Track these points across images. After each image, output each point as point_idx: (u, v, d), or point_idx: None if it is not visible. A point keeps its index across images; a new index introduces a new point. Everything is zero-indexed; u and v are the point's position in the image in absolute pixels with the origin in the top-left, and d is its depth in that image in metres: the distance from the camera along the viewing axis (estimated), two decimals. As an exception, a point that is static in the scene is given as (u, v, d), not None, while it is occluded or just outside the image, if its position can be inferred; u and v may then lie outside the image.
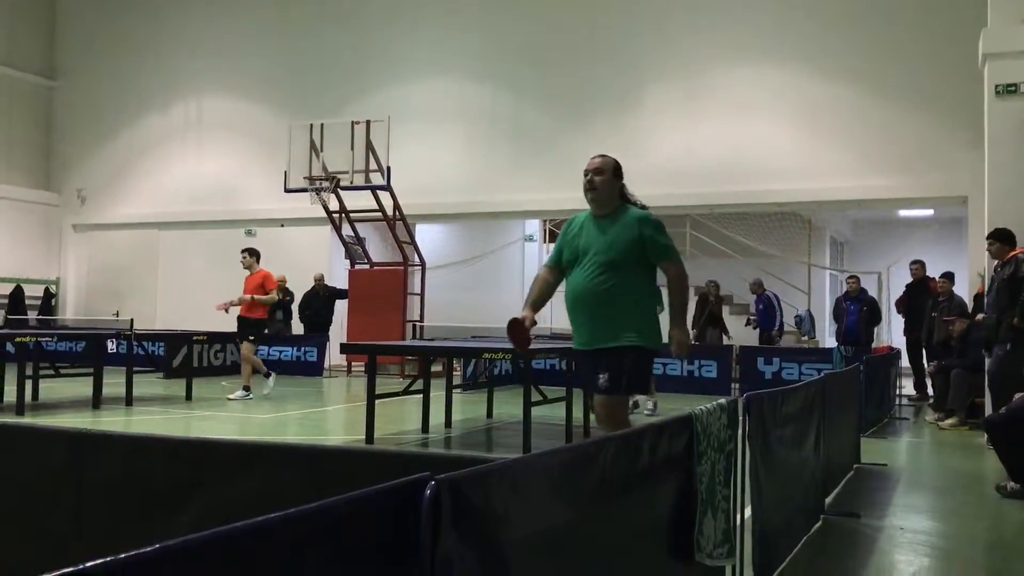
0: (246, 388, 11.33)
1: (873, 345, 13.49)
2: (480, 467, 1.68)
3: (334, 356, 15.82)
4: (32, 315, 19.69)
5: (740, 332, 16.21)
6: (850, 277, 13.95)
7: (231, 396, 11.31)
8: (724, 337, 15.41)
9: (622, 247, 4.56)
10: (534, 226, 20.47)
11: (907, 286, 13.17)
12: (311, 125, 15.88)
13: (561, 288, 4.86)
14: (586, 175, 4.70)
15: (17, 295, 19.69)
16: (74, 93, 21.52)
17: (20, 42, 21.20)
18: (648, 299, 4.67)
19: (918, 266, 13.03)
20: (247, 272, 11.60)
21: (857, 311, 13.28)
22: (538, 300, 4.81)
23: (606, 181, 4.67)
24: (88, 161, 21.20)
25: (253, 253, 11.75)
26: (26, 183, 21.10)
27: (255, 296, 11.35)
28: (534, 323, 4.72)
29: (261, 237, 18.58)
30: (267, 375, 11.79)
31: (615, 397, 4.55)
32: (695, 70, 15.71)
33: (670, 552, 2.76)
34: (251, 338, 11.52)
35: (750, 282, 15.71)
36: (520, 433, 7.53)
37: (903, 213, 18.99)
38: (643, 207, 4.74)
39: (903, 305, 13.24)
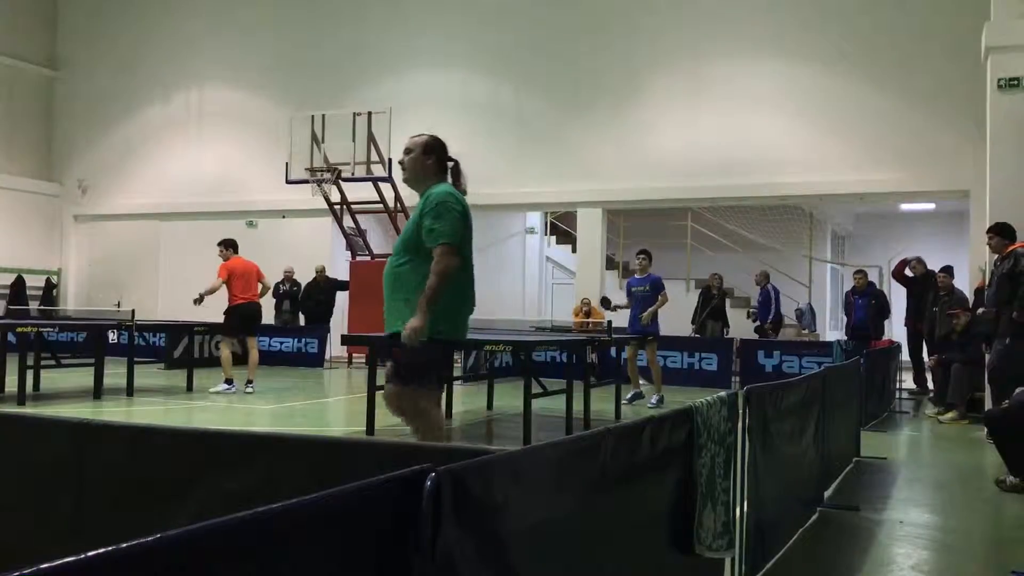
0: (249, 381, 11.28)
1: (884, 338, 13.46)
2: (481, 458, 1.69)
3: (335, 348, 15.84)
4: (33, 305, 19.70)
5: (741, 325, 16.22)
6: (857, 272, 13.93)
7: (249, 390, 11.14)
8: (725, 330, 15.43)
9: (408, 230, 4.42)
10: (535, 218, 20.46)
11: (910, 281, 13.06)
12: (312, 116, 15.86)
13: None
14: None
15: (18, 285, 19.70)
16: (76, 83, 21.50)
17: (22, 32, 21.16)
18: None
19: (916, 261, 12.93)
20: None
21: (865, 305, 13.26)
22: None
23: (412, 159, 4.50)
24: (89, 152, 21.18)
25: (230, 245, 11.22)
26: (28, 173, 21.09)
27: (201, 294, 10.90)
28: None
29: (262, 228, 18.58)
30: (228, 381, 11.06)
31: (397, 388, 4.43)
32: (698, 62, 15.67)
33: (670, 544, 2.77)
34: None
35: (756, 274, 15.70)
36: (520, 425, 7.55)
37: (905, 207, 18.98)
38: (461, 190, 4.51)
39: (900, 278, 13.14)
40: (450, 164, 4.57)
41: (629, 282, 11.23)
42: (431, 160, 4.50)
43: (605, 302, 11.53)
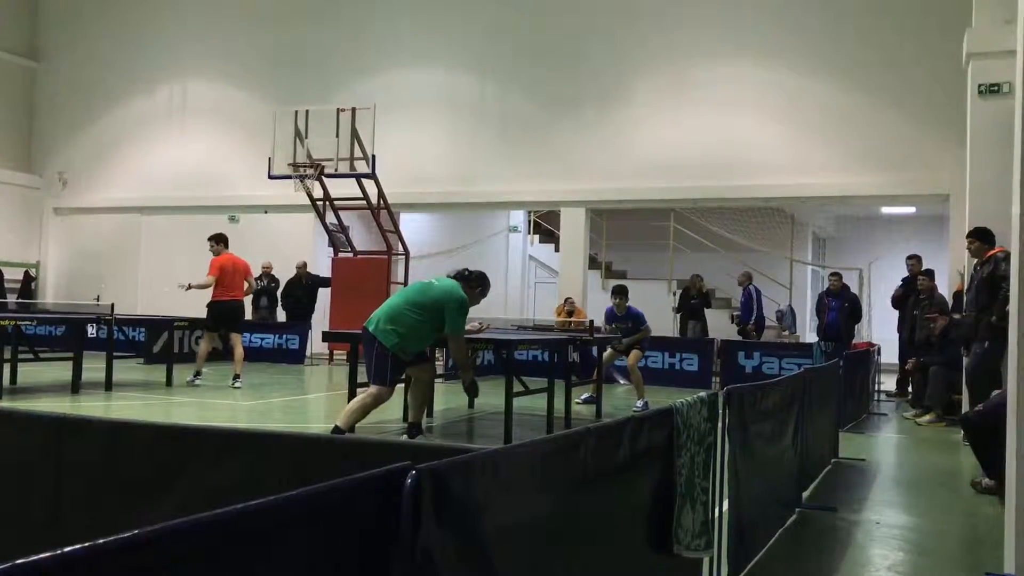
0: (236, 376, 11.22)
1: (854, 341, 13.53)
2: (461, 456, 1.69)
3: (316, 344, 15.77)
4: (12, 298, 19.52)
5: (723, 326, 16.28)
6: (832, 275, 13.98)
7: (237, 384, 11.09)
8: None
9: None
10: (519, 217, 20.46)
11: (903, 280, 12.91)
12: (296, 111, 15.78)
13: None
14: None
15: (-4, 278, 19.51)
16: (57, 75, 21.30)
17: (2, 23, 20.93)
18: None
19: (915, 260, 12.67)
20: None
21: (839, 308, 13.31)
22: None
23: None
24: (70, 144, 21.00)
25: (221, 240, 11.54)
26: (7, 165, 20.88)
27: (191, 284, 11.12)
28: None
29: (244, 223, 18.47)
30: (197, 373, 11.28)
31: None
32: (683, 64, 15.72)
33: (649, 543, 2.78)
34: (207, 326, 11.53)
35: (739, 275, 15.72)
36: (501, 423, 7.56)
37: (885, 210, 19.10)
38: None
39: (899, 300, 12.85)
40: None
41: (608, 313, 10.91)
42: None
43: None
